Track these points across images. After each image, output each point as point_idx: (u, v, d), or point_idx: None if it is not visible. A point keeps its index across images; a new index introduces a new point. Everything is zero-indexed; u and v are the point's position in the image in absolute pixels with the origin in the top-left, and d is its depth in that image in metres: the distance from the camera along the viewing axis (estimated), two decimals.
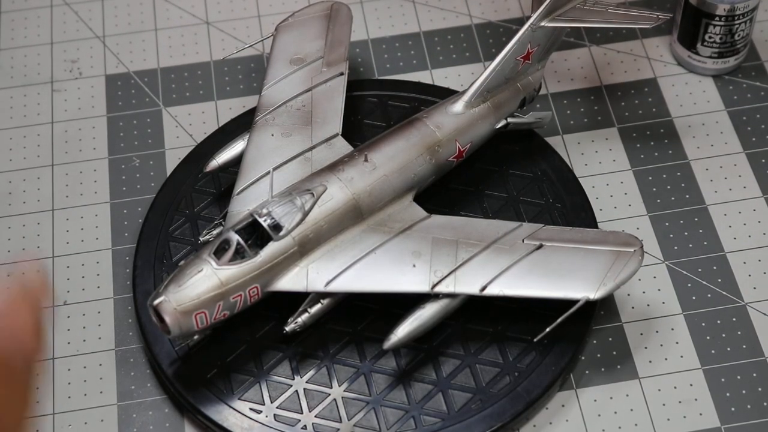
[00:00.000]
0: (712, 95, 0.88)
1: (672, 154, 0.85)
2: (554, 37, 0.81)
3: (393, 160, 0.76)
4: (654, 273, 0.79)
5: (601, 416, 0.73)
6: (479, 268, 0.72)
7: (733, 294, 0.78)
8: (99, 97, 0.90)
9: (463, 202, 0.81)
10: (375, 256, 0.73)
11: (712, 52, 0.87)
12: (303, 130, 0.80)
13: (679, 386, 0.74)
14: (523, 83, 0.82)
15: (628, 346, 0.76)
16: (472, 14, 0.95)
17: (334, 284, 0.72)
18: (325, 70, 0.84)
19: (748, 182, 0.83)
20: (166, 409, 0.74)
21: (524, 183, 0.82)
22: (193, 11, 0.96)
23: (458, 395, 0.72)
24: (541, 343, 0.73)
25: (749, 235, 0.81)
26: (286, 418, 0.72)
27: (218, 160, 0.80)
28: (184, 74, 0.91)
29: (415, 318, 0.71)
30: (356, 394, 0.73)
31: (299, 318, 0.73)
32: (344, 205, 0.74)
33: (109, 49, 0.93)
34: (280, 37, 0.86)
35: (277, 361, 0.74)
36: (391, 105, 0.87)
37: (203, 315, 0.70)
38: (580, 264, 0.72)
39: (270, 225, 0.72)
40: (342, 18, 0.87)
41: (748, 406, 0.73)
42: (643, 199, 0.83)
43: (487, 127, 0.80)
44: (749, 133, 0.86)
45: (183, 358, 0.74)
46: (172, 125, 0.88)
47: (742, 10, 0.84)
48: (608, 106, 0.88)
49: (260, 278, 0.71)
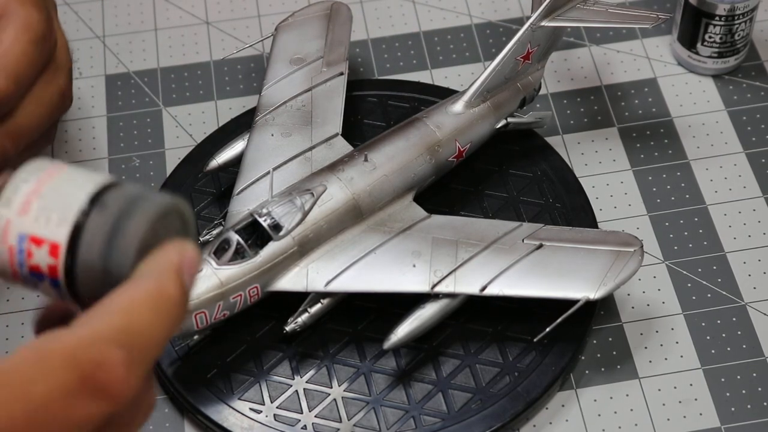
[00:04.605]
0: (712, 95, 0.88)
1: (672, 154, 0.85)
2: (554, 37, 0.81)
3: (393, 160, 0.76)
4: (654, 273, 0.79)
5: (601, 416, 0.73)
6: (479, 268, 0.72)
7: (733, 294, 0.78)
8: (99, 97, 0.90)
9: (463, 202, 0.81)
10: (375, 256, 0.73)
11: (712, 52, 0.87)
12: (303, 130, 0.80)
13: (679, 386, 0.74)
14: (523, 83, 0.82)
15: (628, 346, 0.76)
16: (472, 14, 0.95)
17: (334, 284, 0.72)
18: (325, 70, 0.84)
19: (748, 182, 0.83)
20: (166, 409, 0.74)
21: (524, 183, 0.82)
22: (193, 11, 0.96)
23: (458, 395, 0.72)
24: (541, 343, 0.73)
25: (749, 235, 0.81)
26: (286, 418, 0.72)
27: (218, 160, 0.80)
28: (184, 74, 0.91)
29: (415, 318, 0.71)
30: (356, 394, 0.73)
31: (299, 318, 0.73)
32: (344, 205, 0.74)
33: (109, 49, 0.93)
34: (280, 37, 0.86)
35: (277, 361, 0.74)
36: (391, 105, 0.87)
37: (203, 315, 0.70)
38: (580, 264, 0.72)
39: (270, 225, 0.72)
40: (342, 18, 0.87)
41: (748, 406, 0.73)
42: (643, 199, 0.83)
43: (487, 127, 0.80)
44: (749, 133, 0.86)
45: (183, 358, 0.74)
46: (172, 125, 0.88)
47: (742, 9, 0.84)
48: (608, 106, 0.88)
49: (260, 278, 0.71)
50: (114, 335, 0.40)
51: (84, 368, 0.39)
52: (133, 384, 0.40)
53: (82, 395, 0.39)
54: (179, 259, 0.43)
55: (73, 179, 0.44)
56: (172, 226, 0.44)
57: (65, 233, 0.42)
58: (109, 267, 0.42)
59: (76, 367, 0.39)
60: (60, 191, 0.43)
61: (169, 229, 0.44)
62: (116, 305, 0.41)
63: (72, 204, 0.43)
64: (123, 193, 0.43)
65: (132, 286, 0.41)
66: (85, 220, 0.42)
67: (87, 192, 0.43)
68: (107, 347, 0.39)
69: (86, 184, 0.43)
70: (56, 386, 0.39)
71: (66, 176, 0.44)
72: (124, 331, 0.40)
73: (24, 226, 0.43)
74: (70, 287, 0.43)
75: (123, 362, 0.39)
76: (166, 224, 0.44)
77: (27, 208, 0.43)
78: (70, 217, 0.42)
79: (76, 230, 0.42)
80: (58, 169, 0.44)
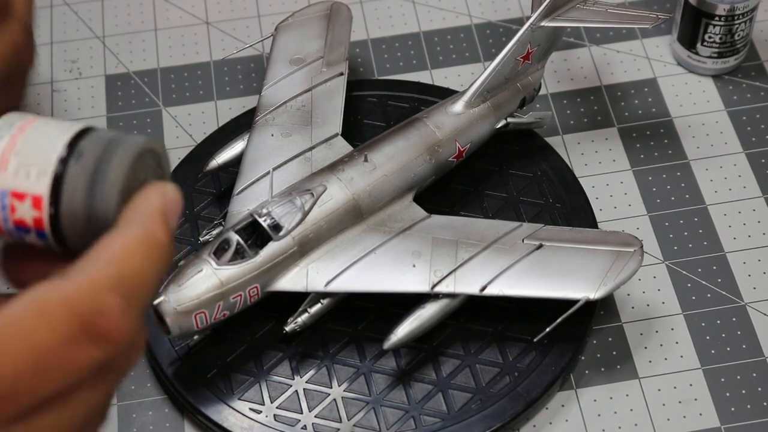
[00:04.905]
0: (712, 95, 0.88)
1: (672, 154, 0.85)
2: (554, 37, 0.81)
3: (393, 160, 0.76)
4: (654, 273, 0.79)
5: (601, 416, 0.73)
6: (479, 268, 0.72)
7: (733, 294, 0.78)
8: (99, 97, 0.90)
9: (463, 202, 0.81)
10: (375, 256, 0.73)
11: (712, 52, 0.87)
12: (303, 130, 0.80)
13: (679, 386, 0.74)
14: (523, 83, 0.82)
15: (628, 346, 0.76)
16: (472, 14, 0.95)
17: (334, 284, 0.72)
18: (324, 70, 0.84)
19: (748, 182, 0.83)
20: (166, 409, 0.74)
21: (524, 183, 0.82)
22: (193, 11, 0.96)
23: (458, 395, 0.72)
24: (541, 343, 0.73)
25: (749, 235, 0.81)
26: (286, 418, 0.72)
27: (218, 160, 0.80)
28: (184, 74, 0.91)
29: (415, 318, 0.71)
30: (356, 394, 0.73)
31: (299, 318, 0.73)
32: (344, 205, 0.74)
33: (109, 49, 0.93)
34: (280, 37, 0.86)
35: (277, 361, 0.74)
36: (391, 105, 0.87)
37: (203, 315, 0.70)
38: (580, 264, 0.72)
39: (270, 225, 0.72)
40: (342, 18, 0.87)
41: (748, 406, 0.73)
42: (643, 199, 0.83)
43: (487, 127, 0.80)
44: (749, 133, 0.86)
45: (183, 358, 0.74)
46: (172, 125, 0.88)
47: (742, 10, 0.84)
48: (608, 106, 0.88)
49: (260, 278, 0.71)
50: (110, 283, 0.41)
51: (83, 316, 0.41)
52: (130, 328, 0.42)
53: (82, 342, 0.41)
54: (162, 202, 0.44)
55: (46, 130, 0.44)
56: (148, 165, 0.45)
57: (46, 185, 0.43)
58: (94, 213, 0.43)
59: (76, 315, 0.41)
60: (35, 143, 0.43)
61: (147, 169, 0.45)
62: (109, 253, 0.42)
63: (49, 155, 0.43)
64: (98, 138, 0.44)
65: (121, 233, 0.43)
66: (65, 170, 0.43)
67: (62, 141, 0.43)
68: (104, 295, 0.41)
69: (60, 133, 0.44)
70: (58, 335, 0.40)
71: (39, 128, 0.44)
72: (119, 278, 0.42)
73: (4, 182, 0.43)
74: (57, 237, 0.43)
75: (120, 309, 0.41)
76: (143, 164, 0.44)
77: (4, 164, 0.43)
78: (49, 168, 0.43)
79: (56, 181, 0.43)
80: (30, 121, 0.44)
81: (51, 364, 0.40)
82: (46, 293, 0.41)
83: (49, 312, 0.41)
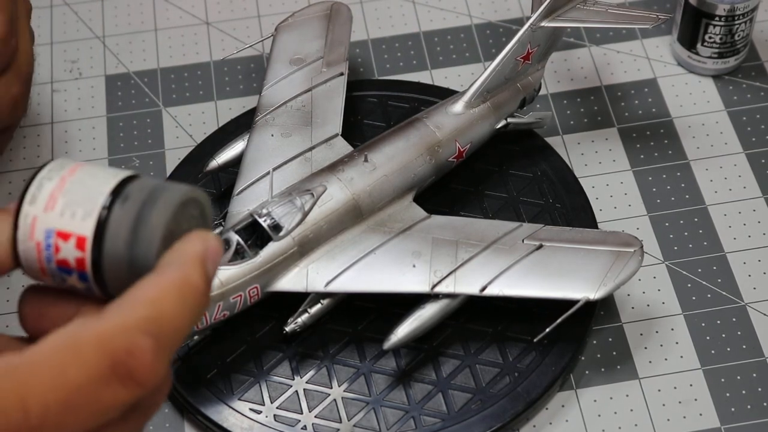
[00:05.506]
0: (712, 95, 0.88)
1: (672, 154, 0.85)
2: (554, 38, 0.81)
3: (393, 160, 0.76)
4: (654, 273, 0.79)
5: (601, 416, 0.73)
6: (479, 269, 0.72)
7: (733, 294, 0.78)
8: (99, 97, 0.90)
9: (463, 202, 0.81)
10: (375, 256, 0.73)
11: (712, 53, 0.87)
12: (303, 130, 0.80)
13: (679, 386, 0.74)
14: (523, 83, 0.82)
15: (628, 346, 0.76)
16: (472, 14, 0.95)
17: (334, 284, 0.72)
18: (325, 71, 0.84)
19: (748, 182, 0.83)
20: (166, 409, 0.74)
21: (524, 183, 0.82)
22: (193, 11, 0.96)
23: (458, 395, 0.72)
24: (541, 343, 0.73)
25: (749, 235, 0.81)
26: (286, 419, 0.72)
27: (218, 160, 0.80)
28: (183, 74, 0.91)
29: (415, 318, 0.71)
30: (356, 395, 0.73)
31: (299, 318, 0.73)
32: (344, 205, 0.74)
33: (109, 50, 0.93)
34: (280, 38, 0.86)
35: (277, 361, 0.74)
36: (391, 105, 0.87)
37: (203, 315, 0.70)
38: (580, 264, 0.72)
39: (270, 225, 0.72)
40: (342, 18, 0.87)
41: (748, 406, 0.73)
42: (643, 199, 0.83)
43: (487, 128, 0.80)
44: (749, 133, 0.86)
45: (183, 358, 0.74)
46: (172, 125, 0.88)
47: (742, 10, 0.84)
48: (608, 106, 0.88)
49: (260, 278, 0.71)
50: (143, 324, 0.41)
51: (115, 356, 0.40)
52: (160, 370, 0.42)
53: (112, 381, 0.40)
54: (203, 249, 0.44)
55: (95, 174, 0.45)
56: (191, 214, 0.46)
57: (91, 226, 0.44)
58: (135, 257, 0.43)
59: (107, 354, 0.40)
60: (83, 186, 0.44)
61: (189, 218, 0.46)
62: (145, 295, 0.42)
63: (96, 197, 0.44)
64: (143, 185, 0.45)
65: (159, 275, 0.43)
66: (110, 213, 0.44)
67: (109, 185, 0.44)
68: (137, 336, 0.41)
69: (108, 178, 0.45)
70: (88, 373, 0.40)
71: (87, 172, 0.45)
72: (153, 320, 0.41)
73: (50, 222, 0.44)
74: (97, 279, 0.44)
75: (152, 350, 0.41)
76: (186, 213, 0.45)
77: (52, 205, 0.44)
78: (94, 210, 0.44)
79: (101, 222, 0.44)
80: (79, 166, 0.45)
81: (80, 403, 0.40)
82: (79, 331, 0.41)
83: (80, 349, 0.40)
